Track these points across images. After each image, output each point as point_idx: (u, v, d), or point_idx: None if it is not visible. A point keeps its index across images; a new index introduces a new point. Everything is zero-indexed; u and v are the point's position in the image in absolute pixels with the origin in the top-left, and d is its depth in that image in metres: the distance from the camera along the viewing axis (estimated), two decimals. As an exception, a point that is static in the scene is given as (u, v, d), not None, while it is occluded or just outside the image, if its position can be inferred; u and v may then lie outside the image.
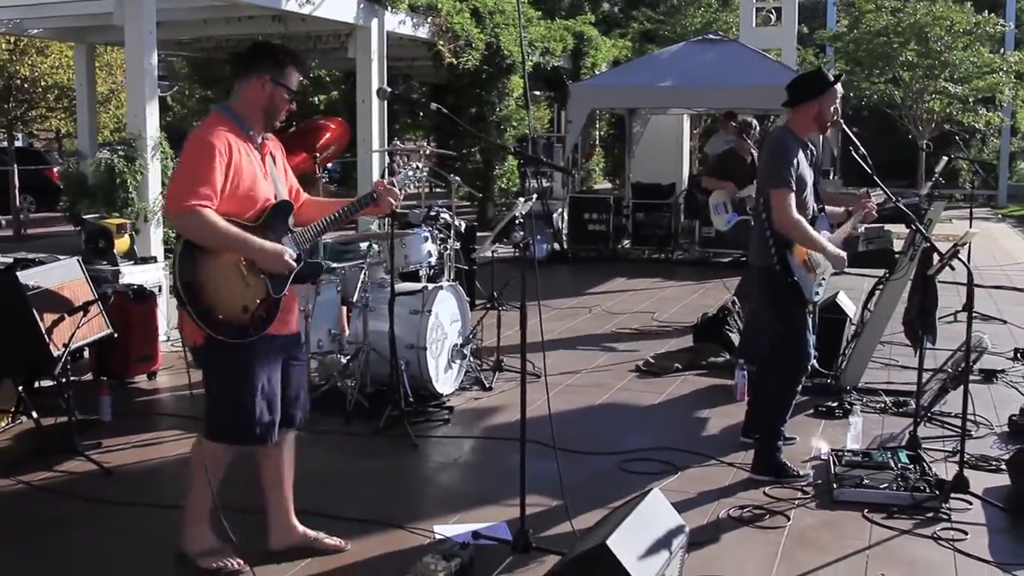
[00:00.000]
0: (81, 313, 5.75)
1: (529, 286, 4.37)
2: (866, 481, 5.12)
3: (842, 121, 5.44)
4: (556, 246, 14.62)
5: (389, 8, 14.33)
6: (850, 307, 7.78)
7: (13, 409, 6.16)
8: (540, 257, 14.20)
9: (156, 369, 7.41)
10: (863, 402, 6.79)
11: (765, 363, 5.82)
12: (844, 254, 5.41)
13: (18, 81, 17.57)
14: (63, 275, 6.06)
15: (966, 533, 4.66)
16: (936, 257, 5.29)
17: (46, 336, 5.62)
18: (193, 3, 12.77)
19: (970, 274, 4.97)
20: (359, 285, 6.72)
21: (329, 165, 16.24)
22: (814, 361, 7.15)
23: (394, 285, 6.43)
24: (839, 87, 5.37)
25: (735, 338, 8.00)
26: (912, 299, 5.94)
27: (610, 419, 6.67)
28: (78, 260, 6.29)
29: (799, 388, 5.58)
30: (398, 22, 14.80)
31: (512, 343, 8.66)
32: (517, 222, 4.31)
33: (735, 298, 8.58)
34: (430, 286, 6.93)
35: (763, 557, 4.44)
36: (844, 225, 5.67)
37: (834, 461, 5.44)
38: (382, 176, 4.57)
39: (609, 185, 25.30)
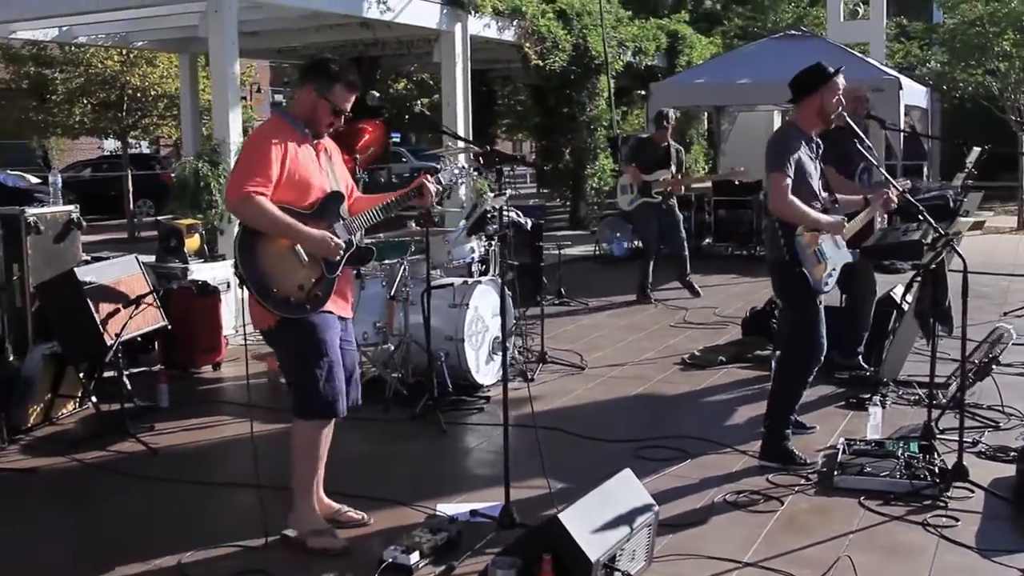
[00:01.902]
0: (134, 306, 6.19)
1: (613, 283, 4.59)
2: (867, 469, 5.21)
3: (845, 115, 5.51)
4: (638, 243, 14.71)
5: (472, 12, 14.65)
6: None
7: (79, 395, 6.65)
8: (620, 254, 14.35)
9: (220, 360, 7.86)
10: (899, 394, 6.82)
11: (783, 353, 5.94)
12: (840, 218, 5.53)
13: (130, 91, 18.49)
14: (120, 271, 6.53)
15: (957, 520, 4.72)
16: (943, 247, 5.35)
17: (100, 327, 6.08)
18: (281, 13, 13.31)
19: (965, 264, 5.00)
20: (398, 280, 7.03)
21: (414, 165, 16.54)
22: (860, 357, 7.27)
23: (430, 279, 6.72)
24: (840, 79, 5.46)
25: (781, 332, 8.07)
26: (923, 290, 5.97)
27: (640, 408, 6.87)
28: (135, 257, 6.77)
29: (810, 379, 5.67)
30: (483, 26, 15.11)
31: (563, 335, 8.92)
32: (489, 216, 4.56)
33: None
34: (469, 280, 7.20)
35: (744, 539, 4.57)
36: (860, 214, 5.76)
37: (843, 449, 5.53)
38: (437, 179, 4.90)
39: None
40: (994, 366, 6.47)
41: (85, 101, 18.92)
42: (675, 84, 15.83)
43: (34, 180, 24.25)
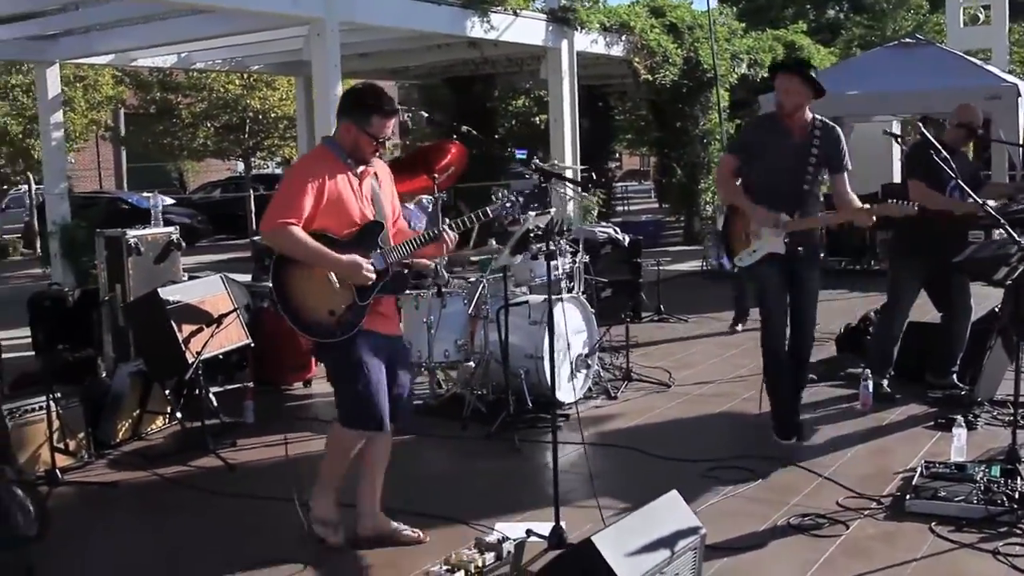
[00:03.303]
0: (216, 324, 6.37)
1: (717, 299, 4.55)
2: (942, 493, 5.01)
3: (920, 125, 5.36)
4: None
5: (579, 29, 14.63)
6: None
7: (169, 411, 6.87)
8: (728, 270, 14.10)
9: (311, 377, 8.02)
10: (993, 415, 6.56)
11: None
12: (771, 214, 5.84)
13: (251, 114, 19.06)
14: (204, 290, 6.72)
15: (1032, 548, 4.51)
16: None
17: (183, 345, 6.27)
18: (386, 35, 13.53)
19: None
20: (477, 297, 7.07)
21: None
22: (955, 376, 7.01)
23: (507, 296, 6.74)
24: (786, 80, 5.77)
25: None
26: (1005, 306, 5.73)
27: (719, 427, 6.76)
28: (221, 276, 6.96)
29: (774, 366, 6.09)
30: (590, 42, 15.07)
31: (657, 352, 8.84)
32: (532, 235, 4.55)
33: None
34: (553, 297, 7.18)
35: (802, 564, 4.45)
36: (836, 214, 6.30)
37: (921, 472, 5.34)
38: (484, 212, 4.94)
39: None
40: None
41: (209, 124, 19.57)
42: (785, 96, 15.52)
43: (168, 201, 25.18)
